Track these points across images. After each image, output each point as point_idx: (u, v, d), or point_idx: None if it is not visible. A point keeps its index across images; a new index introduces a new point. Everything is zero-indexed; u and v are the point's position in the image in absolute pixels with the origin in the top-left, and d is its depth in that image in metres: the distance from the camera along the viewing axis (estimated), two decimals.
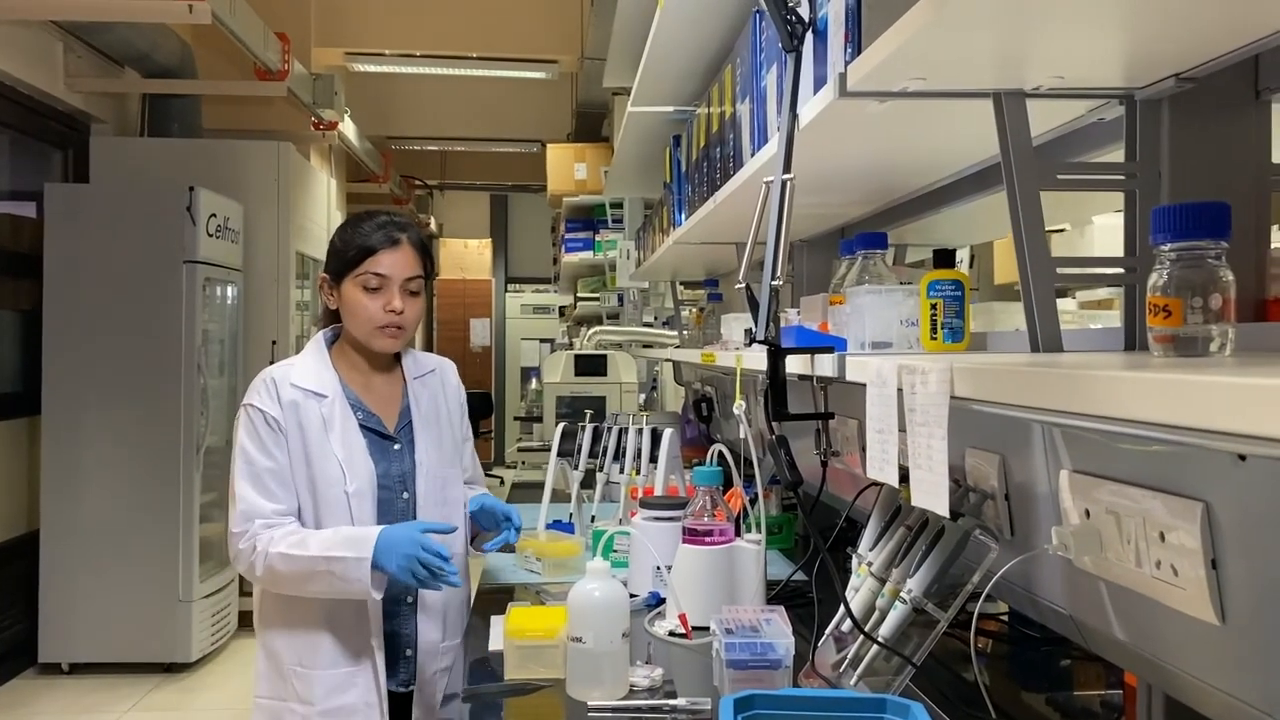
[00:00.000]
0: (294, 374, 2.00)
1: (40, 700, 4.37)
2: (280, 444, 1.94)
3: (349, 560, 1.83)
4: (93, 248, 4.64)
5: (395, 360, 2.11)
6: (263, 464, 1.93)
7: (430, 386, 2.12)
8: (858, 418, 1.90)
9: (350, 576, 1.83)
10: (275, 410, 1.95)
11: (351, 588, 1.84)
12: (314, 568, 1.85)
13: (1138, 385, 0.62)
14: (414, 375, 2.11)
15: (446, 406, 2.14)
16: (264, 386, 1.97)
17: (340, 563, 1.84)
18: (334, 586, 1.86)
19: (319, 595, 1.90)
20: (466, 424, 2.21)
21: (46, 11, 4.31)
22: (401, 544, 1.83)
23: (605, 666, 1.57)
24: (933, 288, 1.35)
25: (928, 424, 0.98)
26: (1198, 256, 0.85)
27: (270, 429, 1.94)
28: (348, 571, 1.83)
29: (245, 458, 1.94)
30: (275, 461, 1.93)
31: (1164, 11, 0.90)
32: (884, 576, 1.50)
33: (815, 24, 1.34)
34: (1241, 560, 0.93)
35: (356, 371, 2.06)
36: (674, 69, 2.62)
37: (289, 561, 1.86)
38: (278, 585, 1.92)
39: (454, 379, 2.20)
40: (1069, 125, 1.32)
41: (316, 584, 1.87)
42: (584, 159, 6.30)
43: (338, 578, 1.84)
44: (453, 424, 2.13)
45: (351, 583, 1.84)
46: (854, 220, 2.27)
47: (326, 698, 1.93)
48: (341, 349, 2.07)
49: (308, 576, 1.86)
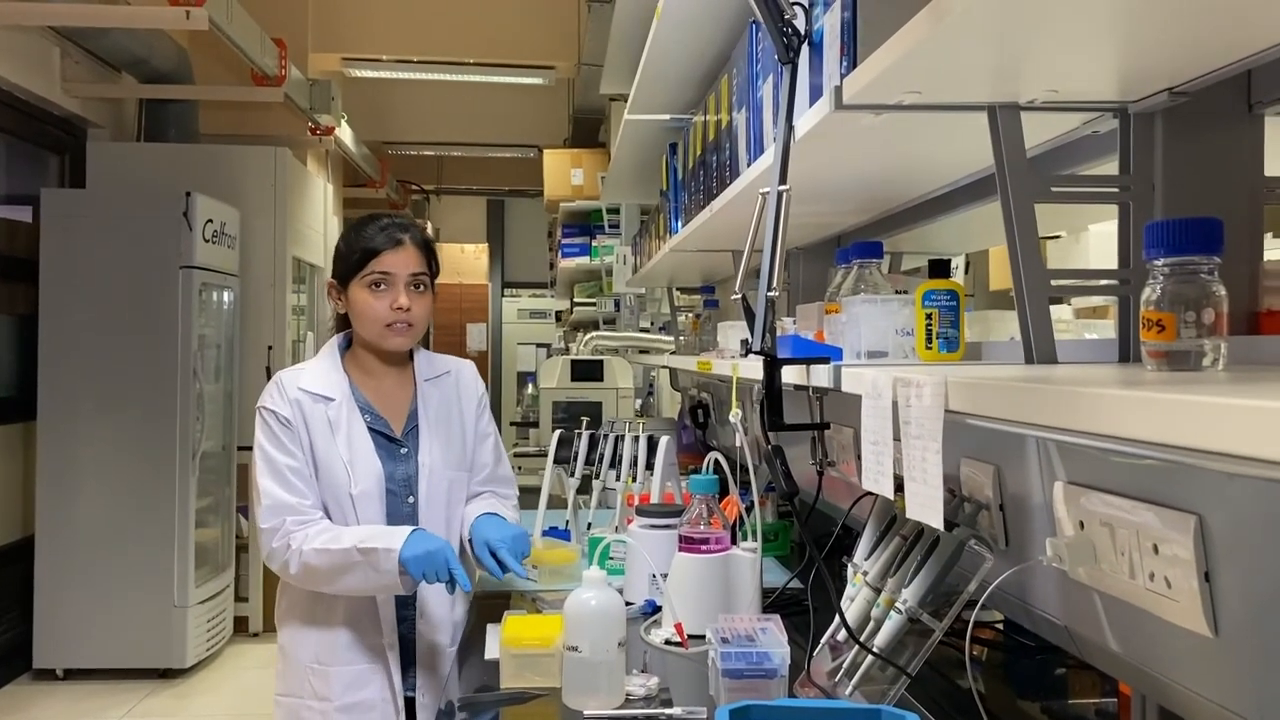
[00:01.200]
0: (303, 378, 2.05)
1: (35, 706, 4.36)
2: (296, 441, 1.99)
3: (380, 551, 1.87)
4: (89, 253, 4.64)
5: (408, 363, 2.13)
6: (283, 461, 1.97)
7: (442, 388, 2.14)
8: (853, 426, 1.90)
9: (382, 567, 1.87)
10: (286, 410, 2.00)
11: (383, 579, 1.88)
12: (349, 559, 1.89)
13: (1129, 404, 0.63)
14: (425, 377, 2.12)
15: (460, 408, 2.15)
16: (275, 388, 2.03)
17: (374, 553, 1.87)
18: (367, 578, 1.89)
19: (350, 589, 1.94)
20: (488, 421, 2.21)
21: (44, 17, 4.31)
22: (429, 544, 1.88)
23: (601, 675, 1.57)
24: (928, 298, 1.36)
25: (922, 437, 0.98)
26: (1191, 271, 0.85)
27: (284, 427, 1.99)
28: (379, 562, 1.87)
29: (265, 456, 1.99)
30: (294, 458, 1.98)
31: (1157, 26, 0.91)
32: (879, 586, 1.50)
33: (811, 36, 1.35)
34: (1234, 573, 0.94)
35: (368, 375, 2.09)
36: (671, 77, 2.62)
37: (324, 556, 1.90)
38: (312, 581, 1.95)
39: (470, 380, 2.21)
40: (1063, 137, 1.32)
41: (351, 576, 1.90)
42: (581, 164, 6.30)
43: (370, 568, 1.88)
44: (464, 426, 2.14)
45: (383, 574, 1.87)
46: (850, 229, 2.27)
47: (344, 693, 1.98)
48: (354, 354, 2.11)
49: (343, 569, 1.90)
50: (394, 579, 1.87)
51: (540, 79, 7.20)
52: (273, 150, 5.47)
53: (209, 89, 5.62)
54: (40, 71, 4.70)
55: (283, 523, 1.94)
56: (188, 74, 5.48)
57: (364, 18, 6.79)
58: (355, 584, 1.92)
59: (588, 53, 5.44)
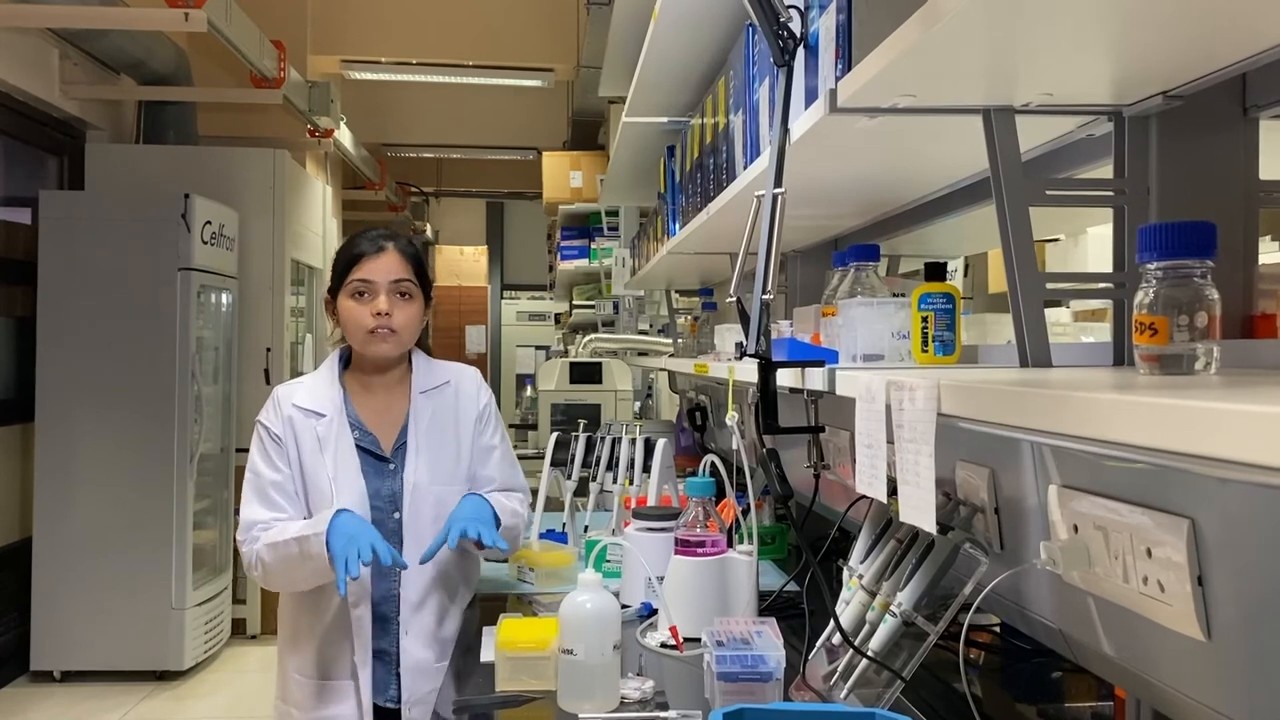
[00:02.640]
0: (298, 394, 2.08)
1: (32, 708, 4.36)
2: (284, 457, 2.03)
3: (310, 537, 1.89)
4: (88, 255, 4.64)
5: (406, 374, 2.13)
6: (269, 477, 2.01)
7: (439, 400, 2.12)
8: (849, 429, 1.90)
9: (313, 552, 1.87)
10: (278, 427, 2.04)
11: (318, 565, 1.88)
12: (288, 551, 1.91)
13: (1120, 408, 0.63)
14: (422, 389, 2.11)
15: (456, 421, 2.13)
16: (271, 404, 2.08)
17: (305, 541, 1.89)
18: (307, 568, 1.90)
19: (300, 581, 1.96)
20: (492, 432, 2.20)
21: (42, 19, 4.31)
22: (351, 527, 1.88)
23: (597, 679, 1.57)
24: (924, 301, 1.36)
25: (915, 440, 0.98)
26: (1184, 275, 0.85)
27: (274, 443, 2.03)
28: (310, 547, 1.88)
29: (253, 471, 2.04)
30: (279, 473, 2.02)
31: (1151, 30, 0.91)
32: (874, 589, 1.50)
33: (807, 39, 1.35)
34: (1227, 577, 0.94)
35: (364, 390, 2.11)
36: (668, 80, 2.63)
37: (271, 551, 1.94)
38: (273, 579, 1.99)
39: (471, 389, 2.18)
40: (1058, 141, 1.32)
41: (296, 568, 1.92)
42: (579, 167, 6.31)
43: (306, 556, 1.89)
44: (459, 440, 2.12)
45: (315, 559, 1.87)
46: (846, 232, 2.27)
47: (316, 707, 2.01)
48: (352, 368, 2.14)
49: (286, 561, 1.92)
50: (324, 562, 1.86)
51: (539, 81, 7.21)
52: (271, 152, 5.48)
53: (208, 91, 5.62)
54: (39, 73, 4.70)
55: (251, 534, 1.99)
56: (186, 76, 5.49)
57: (363, 20, 6.80)
58: (303, 575, 1.94)
59: (587, 55, 5.44)
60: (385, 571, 2.00)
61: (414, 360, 2.14)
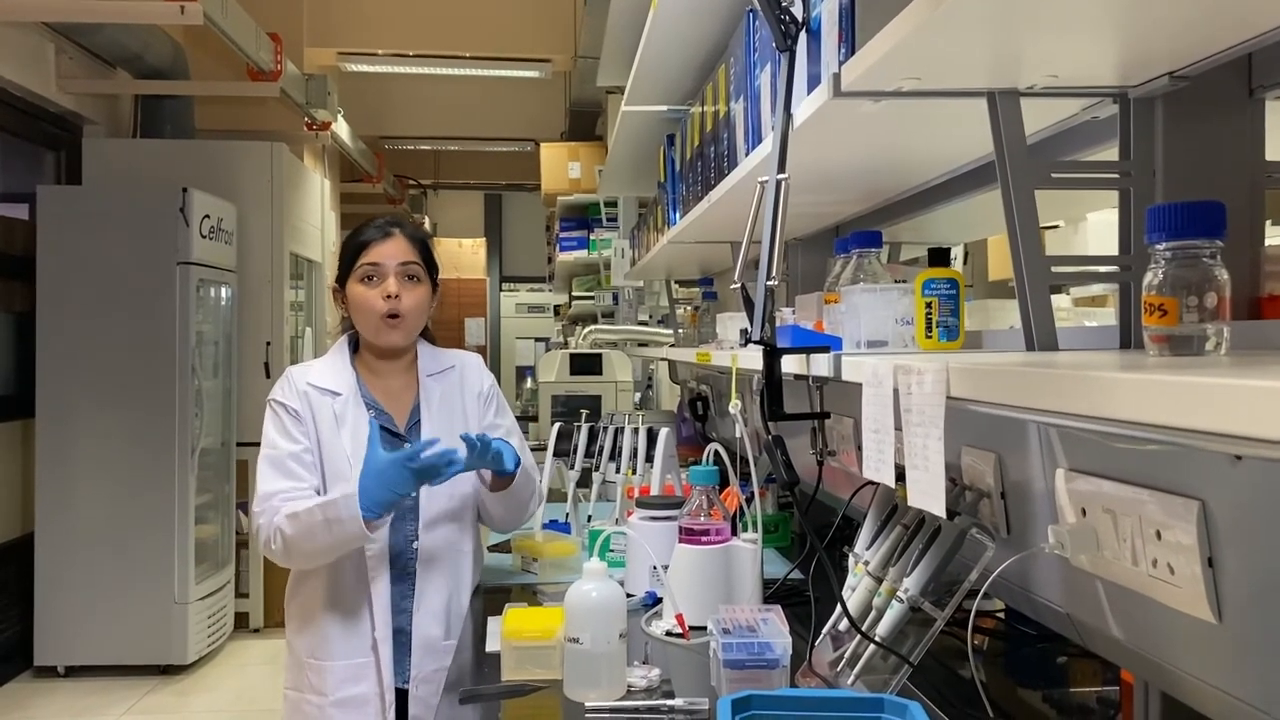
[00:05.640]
0: (311, 373, 2.10)
1: (36, 703, 4.36)
2: (302, 429, 2.03)
3: (338, 500, 1.87)
4: (86, 249, 4.63)
5: (413, 360, 2.16)
6: (285, 449, 2.01)
7: (446, 382, 2.16)
8: (853, 416, 1.90)
9: (343, 515, 1.86)
10: (295, 402, 2.04)
11: (348, 528, 1.86)
12: (312, 519, 1.89)
13: (1133, 386, 0.62)
14: (429, 373, 2.15)
15: (463, 402, 2.17)
16: (285, 381, 2.08)
17: (332, 505, 1.88)
18: (334, 534, 1.88)
19: (325, 550, 1.93)
20: (495, 412, 2.22)
21: (38, 13, 4.30)
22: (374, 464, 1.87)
23: (602, 667, 1.57)
24: (928, 286, 1.35)
25: (924, 424, 0.98)
26: (1193, 255, 0.85)
27: (292, 417, 2.03)
28: (339, 511, 1.86)
29: (269, 445, 2.03)
30: (298, 444, 2.02)
31: (1157, 10, 0.90)
32: (881, 575, 1.50)
33: (809, 24, 1.34)
34: (1238, 558, 0.93)
35: (373, 374, 2.13)
36: (667, 68, 2.62)
37: (293, 522, 1.91)
38: (291, 553, 1.96)
39: (475, 373, 2.23)
40: (1063, 123, 1.31)
41: (320, 537, 1.90)
42: (578, 158, 6.30)
43: (334, 521, 1.87)
44: (467, 420, 2.15)
45: (346, 522, 1.86)
46: (849, 218, 2.26)
47: (338, 688, 2.00)
48: (360, 354, 2.15)
49: (310, 529, 1.90)
50: (358, 525, 1.85)
51: (537, 72, 7.19)
52: (269, 146, 5.46)
53: (204, 84, 5.61)
54: (35, 68, 4.69)
55: (270, 504, 1.97)
56: (183, 70, 5.47)
57: (359, 12, 6.77)
58: (328, 542, 1.91)
59: (584, 45, 5.43)
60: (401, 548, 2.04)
61: (419, 347, 2.17)
